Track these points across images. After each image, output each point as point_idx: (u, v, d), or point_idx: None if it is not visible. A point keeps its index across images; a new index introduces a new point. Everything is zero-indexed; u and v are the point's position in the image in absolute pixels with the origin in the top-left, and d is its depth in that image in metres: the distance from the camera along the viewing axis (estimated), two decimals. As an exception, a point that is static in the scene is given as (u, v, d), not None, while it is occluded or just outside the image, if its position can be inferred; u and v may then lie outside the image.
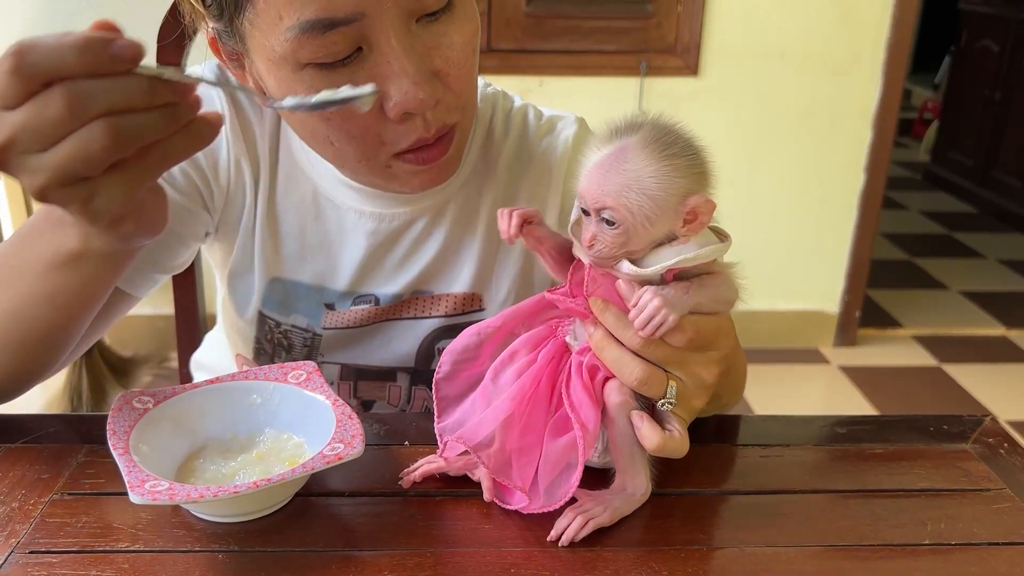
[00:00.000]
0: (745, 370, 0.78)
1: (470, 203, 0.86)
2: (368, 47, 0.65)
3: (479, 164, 0.87)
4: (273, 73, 0.67)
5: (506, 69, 2.50)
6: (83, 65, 0.48)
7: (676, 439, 0.60)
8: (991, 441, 0.74)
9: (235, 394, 0.70)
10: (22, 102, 0.48)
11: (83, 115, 0.48)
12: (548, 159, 0.87)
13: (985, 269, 3.57)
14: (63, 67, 0.47)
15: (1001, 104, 3.99)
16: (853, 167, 2.65)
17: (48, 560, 0.57)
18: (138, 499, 0.54)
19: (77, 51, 0.47)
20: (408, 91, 0.65)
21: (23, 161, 0.50)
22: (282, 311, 0.87)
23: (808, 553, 0.60)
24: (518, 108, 0.90)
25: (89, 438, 0.71)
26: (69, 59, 0.47)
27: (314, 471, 0.59)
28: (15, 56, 0.47)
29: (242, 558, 0.58)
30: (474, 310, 0.88)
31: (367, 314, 0.87)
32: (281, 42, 0.64)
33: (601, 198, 0.57)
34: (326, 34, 0.63)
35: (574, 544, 0.59)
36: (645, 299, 0.57)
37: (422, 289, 0.87)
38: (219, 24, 0.68)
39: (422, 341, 0.88)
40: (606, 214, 0.57)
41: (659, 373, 0.59)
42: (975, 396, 2.59)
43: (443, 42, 0.67)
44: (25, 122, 0.48)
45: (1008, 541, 0.62)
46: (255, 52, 0.68)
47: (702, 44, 2.50)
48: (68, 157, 0.49)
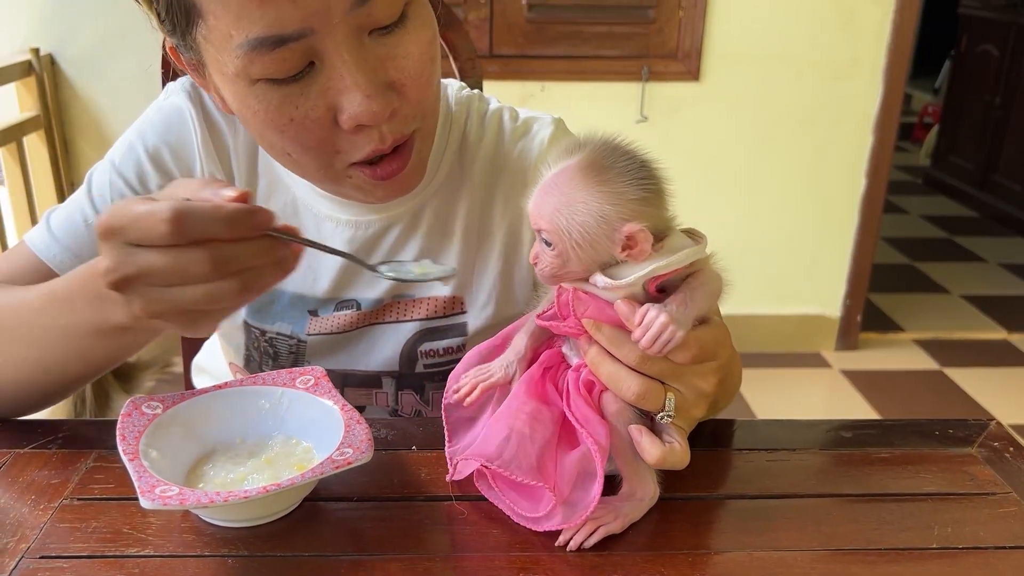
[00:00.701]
0: (740, 372, 0.78)
1: (446, 208, 0.86)
2: (320, 61, 0.65)
3: (455, 168, 0.87)
4: (227, 88, 0.68)
5: (507, 75, 2.51)
6: (231, 234, 0.55)
7: (677, 451, 0.60)
8: (996, 445, 0.74)
9: (244, 399, 0.70)
10: (166, 249, 0.55)
11: (223, 273, 0.55)
12: (523, 162, 0.86)
13: (986, 273, 3.58)
14: (215, 235, 0.55)
15: (1001, 109, 3.99)
16: (854, 171, 2.65)
17: (59, 565, 0.57)
18: (148, 504, 0.54)
19: (228, 223, 0.55)
20: (361, 104, 0.65)
21: (146, 291, 0.56)
22: (266, 319, 0.88)
23: (815, 557, 0.60)
24: (493, 111, 0.89)
25: (98, 443, 0.72)
26: (221, 229, 0.55)
27: (323, 476, 0.59)
28: (174, 221, 0.53)
29: (251, 563, 0.58)
30: (456, 313, 0.88)
31: (350, 319, 0.87)
32: (232, 59, 0.64)
33: (537, 219, 0.58)
34: (275, 50, 0.63)
35: (582, 549, 0.60)
36: (650, 317, 0.56)
37: (403, 293, 0.87)
38: (175, 38, 0.69)
39: (404, 344, 0.88)
40: (544, 235, 0.57)
41: (657, 387, 0.59)
42: (977, 400, 2.59)
43: (398, 53, 0.67)
44: (166, 266, 0.55)
45: (1015, 545, 0.62)
46: (211, 66, 0.68)
47: (703, 49, 2.51)
48: (199, 300, 0.56)
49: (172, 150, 0.84)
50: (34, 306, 0.70)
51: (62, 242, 0.82)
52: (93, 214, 0.83)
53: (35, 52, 2.32)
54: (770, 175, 2.65)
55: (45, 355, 0.71)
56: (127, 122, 0.87)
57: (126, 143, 0.85)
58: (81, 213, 0.83)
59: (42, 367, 0.72)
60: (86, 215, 0.83)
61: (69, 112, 2.44)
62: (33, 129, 2.33)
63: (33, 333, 0.70)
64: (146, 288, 0.56)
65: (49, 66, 2.37)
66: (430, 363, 0.88)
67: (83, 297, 0.65)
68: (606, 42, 2.50)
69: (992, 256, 3.75)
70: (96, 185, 0.84)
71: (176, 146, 0.84)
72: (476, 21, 2.45)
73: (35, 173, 2.37)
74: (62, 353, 0.70)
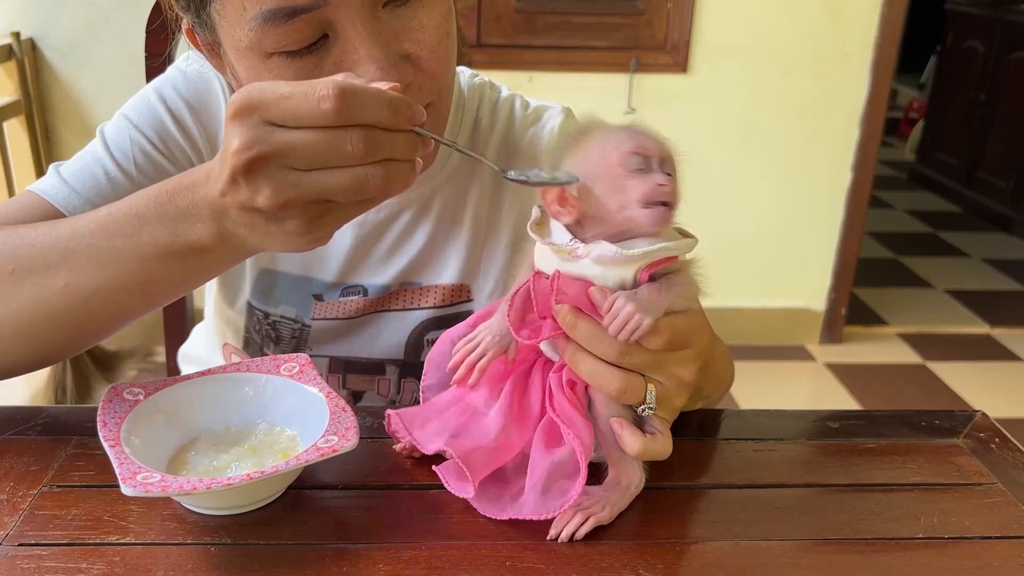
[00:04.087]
0: (728, 361, 0.78)
1: (457, 195, 0.86)
2: (334, 34, 0.64)
3: (465, 156, 0.86)
4: (242, 63, 0.68)
5: (496, 64, 2.50)
6: (391, 121, 0.53)
7: (658, 441, 0.60)
8: (982, 436, 0.74)
9: (228, 386, 0.69)
10: (317, 129, 0.51)
11: (372, 158, 0.53)
12: (534, 150, 0.86)
13: (970, 268, 3.60)
14: (375, 119, 0.52)
15: (986, 104, 4.01)
16: (840, 165, 2.66)
17: (37, 553, 0.56)
18: (130, 491, 0.54)
19: (391, 108, 0.52)
20: (375, 77, 0.63)
21: (282, 174, 0.52)
22: (270, 302, 0.87)
23: (802, 547, 0.60)
24: (505, 99, 0.89)
25: (79, 430, 0.70)
26: (384, 114, 0.52)
27: (308, 464, 0.58)
28: (339, 98, 0.51)
29: (235, 551, 0.58)
30: (463, 301, 0.87)
31: (356, 306, 0.86)
32: (247, 32, 0.64)
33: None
34: (289, 22, 0.62)
35: (572, 540, 0.59)
36: (618, 305, 0.57)
37: (410, 280, 0.87)
38: (190, 16, 0.69)
39: (411, 333, 0.87)
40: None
41: (637, 380, 0.59)
42: (959, 393, 2.61)
43: (412, 26, 0.67)
44: (318, 143, 0.52)
45: (1000, 535, 0.62)
46: (225, 43, 0.68)
47: (692, 42, 2.50)
48: (344, 185, 0.53)
49: (194, 111, 0.81)
50: (85, 228, 0.62)
51: (82, 194, 0.76)
52: (115, 168, 0.78)
53: (16, 36, 2.28)
54: (757, 168, 2.66)
55: (89, 281, 0.62)
56: (111, 109, 0.84)
57: (143, 100, 0.82)
58: (101, 167, 0.78)
59: (82, 296, 0.63)
60: (107, 168, 0.78)
61: (50, 98, 2.41)
62: (13, 114, 2.30)
63: (78, 257, 0.62)
64: (282, 171, 0.52)
65: (30, 51, 2.34)
66: None
67: (158, 214, 0.59)
68: (595, 33, 2.50)
69: (976, 251, 3.77)
70: (113, 140, 0.80)
71: (199, 108, 0.82)
72: (464, 10, 2.43)
73: (15, 159, 2.33)
74: (119, 277, 0.61)
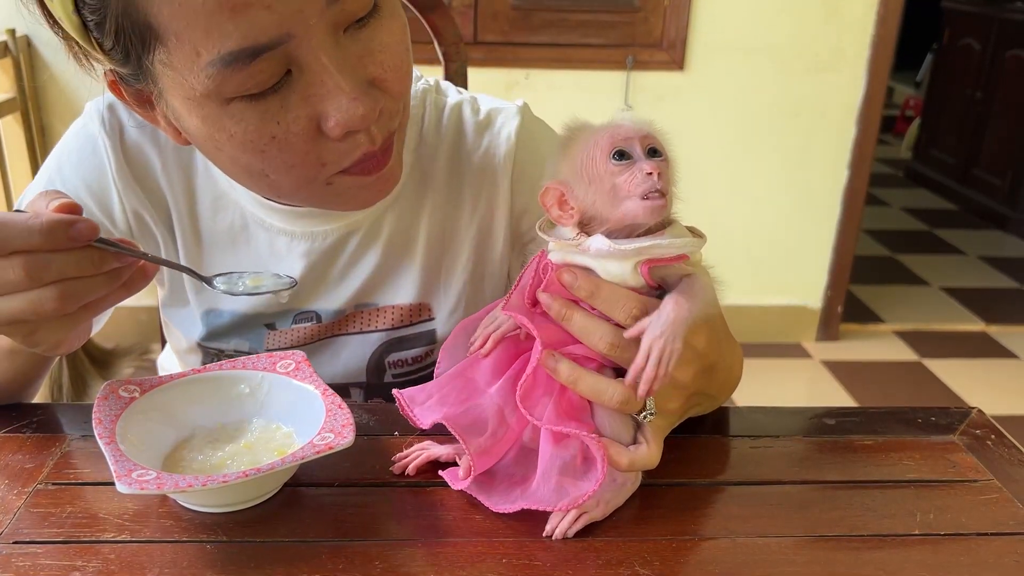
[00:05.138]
0: (739, 363, 0.74)
1: (408, 214, 0.82)
2: (298, 69, 0.60)
3: (414, 172, 0.82)
4: (195, 112, 0.62)
5: (492, 62, 2.49)
6: (46, 244, 0.55)
7: (643, 453, 0.60)
8: (978, 433, 0.74)
9: (223, 383, 0.69)
10: None
11: (38, 281, 0.55)
12: (490, 158, 0.82)
13: (966, 266, 3.60)
14: (29, 245, 0.54)
15: (982, 102, 4.02)
16: (837, 163, 2.66)
17: (33, 550, 0.56)
18: (125, 488, 0.53)
19: (42, 234, 0.54)
20: (347, 108, 0.60)
21: None
22: (221, 339, 0.84)
23: (798, 543, 0.60)
24: (453, 105, 0.84)
25: (74, 427, 0.70)
26: (35, 240, 0.54)
27: (304, 461, 0.58)
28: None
29: (230, 548, 0.57)
30: (423, 320, 0.85)
31: (310, 332, 0.84)
32: (202, 79, 0.58)
33: None
34: (252, 64, 0.58)
35: (565, 537, 0.59)
36: (646, 342, 0.56)
37: (365, 302, 0.84)
38: (117, 64, 0.62)
39: (371, 355, 0.85)
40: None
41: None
42: (955, 391, 2.61)
43: (374, 47, 0.63)
44: None
45: (996, 531, 0.62)
46: (170, 92, 0.62)
47: (688, 39, 2.50)
48: (19, 310, 0.56)
49: (89, 188, 0.78)
50: None
51: None
52: None
53: (11, 33, 2.27)
54: (753, 166, 2.66)
55: None
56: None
57: (46, 177, 0.80)
58: None
59: None
60: None
61: (46, 95, 2.40)
62: (9, 112, 2.29)
63: None
64: None
65: (26, 48, 2.33)
66: (399, 372, 0.86)
67: None
68: (591, 30, 2.49)
69: (972, 249, 3.78)
70: None
71: (92, 182, 0.78)
72: (461, 7, 2.43)
73: (10, 157, 2.33)
74: None
